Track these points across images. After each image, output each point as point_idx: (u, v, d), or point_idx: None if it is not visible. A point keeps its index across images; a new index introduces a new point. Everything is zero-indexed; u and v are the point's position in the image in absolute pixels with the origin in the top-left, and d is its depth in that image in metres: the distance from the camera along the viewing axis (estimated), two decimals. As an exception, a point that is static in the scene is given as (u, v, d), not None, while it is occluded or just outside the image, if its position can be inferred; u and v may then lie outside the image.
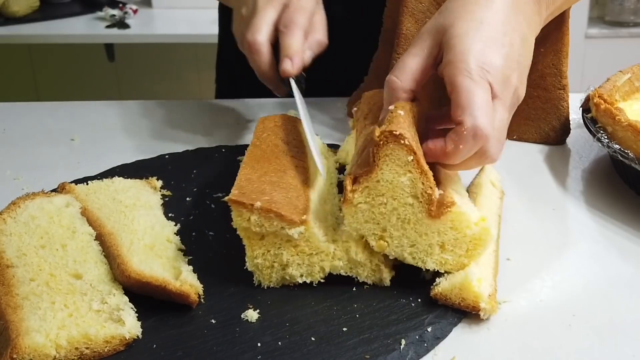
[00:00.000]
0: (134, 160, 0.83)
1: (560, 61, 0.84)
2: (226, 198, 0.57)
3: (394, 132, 0.54)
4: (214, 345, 0.52)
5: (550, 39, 0.83)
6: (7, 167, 0.84)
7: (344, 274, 0.59)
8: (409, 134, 0.54)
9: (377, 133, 0.54)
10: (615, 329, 0.54)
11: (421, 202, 0.55)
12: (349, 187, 0.55)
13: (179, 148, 0.85)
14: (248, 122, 0.95)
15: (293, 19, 0.78)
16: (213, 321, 0.55)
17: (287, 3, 0.80)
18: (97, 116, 0.99)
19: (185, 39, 2.41)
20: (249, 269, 0.59)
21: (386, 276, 0.58)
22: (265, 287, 0.59)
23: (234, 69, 1.16)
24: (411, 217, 0.56)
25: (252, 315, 0.55)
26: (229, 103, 1.02)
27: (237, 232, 0.58)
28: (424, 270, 0.58)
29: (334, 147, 0.80)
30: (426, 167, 0.54)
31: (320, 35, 0.81)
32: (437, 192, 0.56)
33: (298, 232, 0.56)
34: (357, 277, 0.58)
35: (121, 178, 0.73)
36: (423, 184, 0.54)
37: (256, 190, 0.58)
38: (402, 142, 0.54)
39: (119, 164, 0.82)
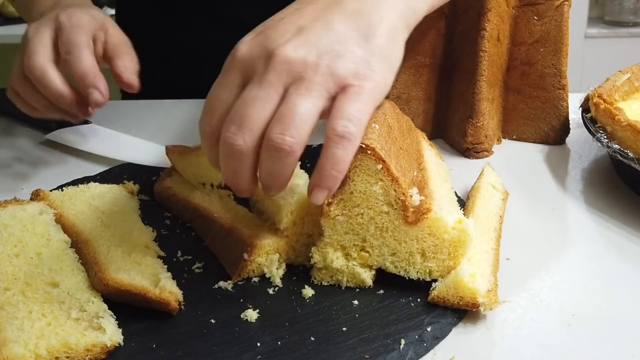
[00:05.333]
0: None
1: (560, 61, 0.84)
2: None
3: (360, 144, 0.54)
4: (214, 345, 0.52)
5: (550, 38, 0.83)
6: (7, 166, 0.84)
7: (326, 284, 0.59)
8: (378, 144, 0.55)
9: None
10: (615, 329, 0.54)
11: (396, 209, 0.55)
12: (325, 201, 0.56)
13: (179, 148, 0.85)
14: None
15: (71, 40, 0.70)
16: (213, 321, 0.55)
17: (58, 25, 0.73)
18: (97, 116, 0.98)
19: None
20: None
21: (365, 277, 0.58)
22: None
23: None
24: (388, 225, 0.56)
25: (251, 315, 0.55)
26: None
27: None
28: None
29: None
30: (397, 174, 0.55)
31: (119, 47, 0.75)
32: (417, 198, 0.57)
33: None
34: (340, 284, 0.59)
35: (97, 183, 0.72)
36: (395, 190, 0.55)
37: None
38: (369, 152, 0.54)
39: (119, 163, 0.82)
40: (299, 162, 0.71)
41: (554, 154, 0.85)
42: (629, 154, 0.69)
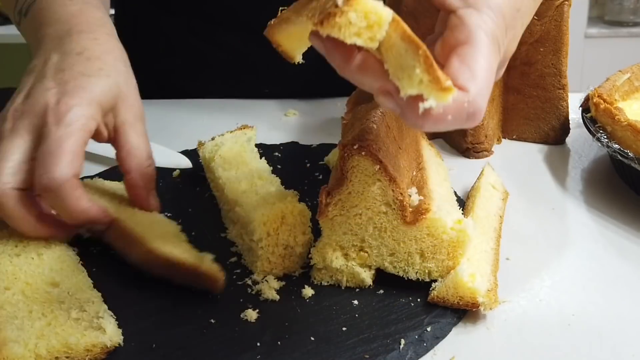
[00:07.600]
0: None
1: (560, 61, 0.84)
2: None
3: (355, 146, 0.54)
4: (214, 345, 0.52)
5: (550, 38, 0.83)
6: (6, 166, 0.84)
7: (325, 284, 0.59)
8: (375, 145, 0.55)
9: (341, 147, 0.55)
10: (615, 329, 0.54)
11: (394, 209, 0.55)
12: (323, 201, 0.56)
13: (179, 147, 0.85)
14: (247, 122, 0.95)
15: (51, 173, 0.55)
16: (213, 321, 0.55)
17: (41, 125, 0.58)
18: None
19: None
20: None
21: (364, 277, 0.58)
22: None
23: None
24: (387, 225, 0.56)
25: (251, 315, 0.55)
26: (229, 103, 1.02)
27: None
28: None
29: (334, 147, 0.80)
30: (395, 174, 0.55)
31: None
32: (415, 198, 0.57)
33: None
34: (339, 284, 0.59)
35: (101, 179, 0.73)
36: (393, 191, 0.55)
37: None
38: (363, 153, 0.54)
39: (119, 163, 0.82)
40: (271, 168, 0.71)
41: (554, 154, 0.85)
42: (629, 153, 0.69)
